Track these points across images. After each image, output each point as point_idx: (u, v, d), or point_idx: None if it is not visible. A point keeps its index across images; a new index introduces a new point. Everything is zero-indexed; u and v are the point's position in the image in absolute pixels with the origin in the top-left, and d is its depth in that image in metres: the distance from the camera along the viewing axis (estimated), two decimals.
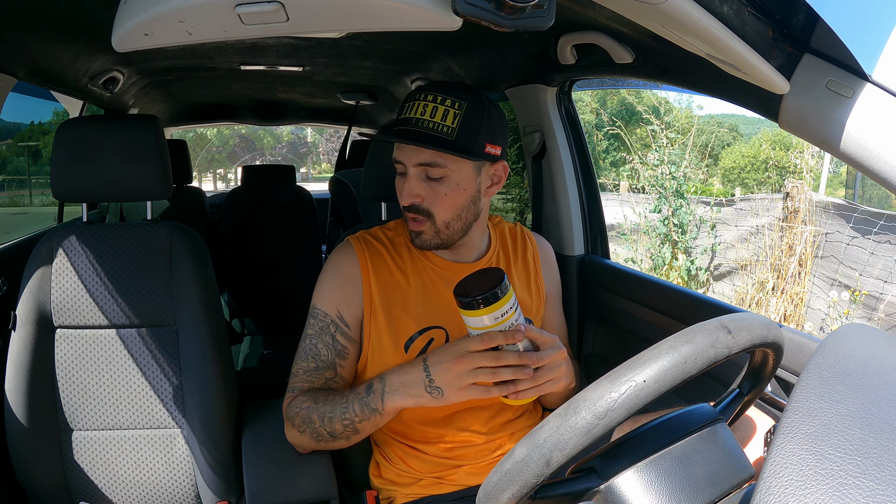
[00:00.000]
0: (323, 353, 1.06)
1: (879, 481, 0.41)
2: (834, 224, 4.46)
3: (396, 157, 1.03)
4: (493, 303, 0.85)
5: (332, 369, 1.06)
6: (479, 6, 0.62)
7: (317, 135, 22.77)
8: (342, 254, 1.09)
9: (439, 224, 1.02)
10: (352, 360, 1.08)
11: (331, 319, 1.06)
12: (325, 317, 1.06)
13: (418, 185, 1.00)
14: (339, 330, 1.06)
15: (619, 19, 1.03)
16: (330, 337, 1.06)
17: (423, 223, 1.02)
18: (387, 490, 1.11)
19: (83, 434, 1.24)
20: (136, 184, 1.23)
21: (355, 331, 1.07)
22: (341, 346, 1.06)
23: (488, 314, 0.86)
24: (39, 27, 1.33)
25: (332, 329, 1.06)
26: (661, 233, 5.05)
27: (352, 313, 1.06)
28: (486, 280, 0.88)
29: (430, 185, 1.01)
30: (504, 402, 0.93)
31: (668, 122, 5.29)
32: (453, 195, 1.01)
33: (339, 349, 1.06)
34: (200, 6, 0.65)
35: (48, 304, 1.21)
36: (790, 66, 0.82)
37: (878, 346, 0.59)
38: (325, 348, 1.06)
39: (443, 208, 1.01)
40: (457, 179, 1.01)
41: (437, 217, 1.02)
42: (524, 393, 0.90)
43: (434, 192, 1.01)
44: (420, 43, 1.76)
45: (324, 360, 1.06)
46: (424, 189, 1.01)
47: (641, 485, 0.58)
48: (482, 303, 0.85)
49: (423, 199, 1.01)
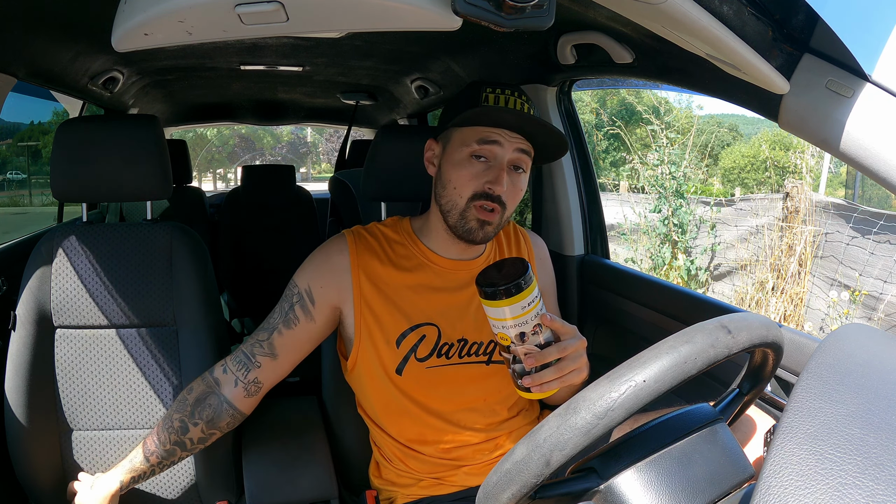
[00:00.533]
0: (273, 318, 1.06)
1: (879, 481, 0.41)
2: (834, 224, 4.46)
3: (492, 137, 0.99)
4: (517, 294, 0.83)
5: (269, 332, 1.05)
6: (479, 6, 0.62)
7: (317, 135, 22.78)
8: (334, 242, 1.09)
9: (505, 216, 1.02)
10: (295, 334, 1.05)
11: (297, 290, 1.06)
12: (294, 287, 1.06)
13: (506, 177, 1.00)
14: (300, 301, 1.05)
15: (619, 19, 1.03)
16: (288, 304, 1.05)
17: (496, 214, 1.01)
18: (387, 490, 1.11)
19: (83, 434, 1.24)
20: (136, 184, 1.23)
21: (319, 310, 1.05)
22: (293, 315, 1.05)
23: (510, 305, 0.83)
24: (39, 27, 1.33)
25: (294, 300, 1.05)
26: (660, 233, 5.05)
27: (324, 294, 1.05)
28: (509, 270, 0.86)
29: (511, 177, 1.01)
30: (524, 395, 0.89)
31: (668, 122, 5.29)
32: (523, 190, 1.04)
33: (289, 317, 1.05)
34: (200, 6, 0.65)
35: (48, 304, 1.21)
36: (790, 66, 0.82)
37: (878, 346, 0.59)
38: (278, 314, 1.06)
39: (514, 201, 1.03)
40: (527, 175, 1.04)
41: (508, 209, 1.02)
42: (547, 385, 0.86)
43: (513, 185, 1.01)
44: (420, 43, 1.76)
45: (270, 323, 1.06)
46: (507, 181, 1.00)
47: (641, 485, 0.58)
48: (504, 293, 0.82)
49: (505, 190, 1.00)
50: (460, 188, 1.00)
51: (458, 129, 1.02)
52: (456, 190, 1.01)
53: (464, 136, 1.01)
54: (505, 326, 0.85)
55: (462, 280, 1.10)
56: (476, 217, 1.00)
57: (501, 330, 0.86)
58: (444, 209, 1.04)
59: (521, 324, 0.85)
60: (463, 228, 1.02)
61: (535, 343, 0.86)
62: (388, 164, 1.32)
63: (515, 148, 1.00)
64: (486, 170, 1.00)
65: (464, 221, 1.01)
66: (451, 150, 1.03)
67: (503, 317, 0.85)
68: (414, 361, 1.05)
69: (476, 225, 1.01)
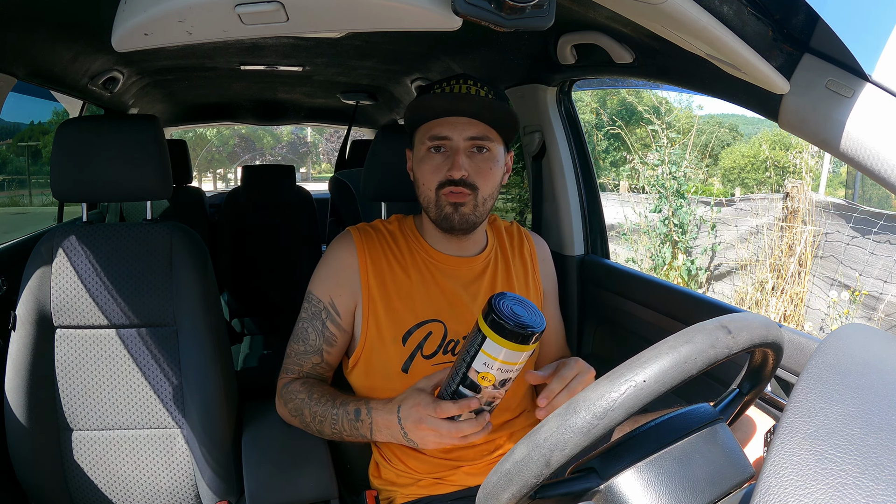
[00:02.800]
0: (312, 338, 1.08)
1: (879, 481, 0.41)
2: (834, 224, 4.46)
3: (440, 132, 1.02)
4: (532, 343, 0.76)
5: (319, 354, 1.09)
6: (479, 6, 0.62)
7: (317, 135, 22.77)
8: (341, 243, 1.11)
9: (480, 198, 1.04)
10: (339, 347, 1.10)
11: (323, 306, 1.08)
12: (318, 303, 1.08)
13: (466, 160, 1.02)
14: (329, 317, 1.08)
15: (619, 19, 1.03)
16: (320, 323, 1.08)
17: (466, 195, 1.03)
18: (386, 490, 1.11)
19: (83, 434, 1.24)
20: (136, 184, 1.23)
21: (346, 320, 1.08)
22: (330, 334, 1.08)
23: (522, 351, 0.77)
24: (39, 27, 1.33)
25: (322, 315, 1.08)
26: (661, 233, 5.05)
27: (344, 303, 1.08)
28: (531, 312, 0.79)
29: (474, 159, 1.03)
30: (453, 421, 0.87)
31: (669, 122, 5.29)
32: (495, 170, 1.05)
33: (327, 336, 1.08)
34: (200, 6, 0.65)
35: (48, 304, 1.21)
36: (790, 66, 0.82)
37: (878, 346, 0.59)
38: (314, 333, 1.08)
39: (486, 182, 1.04)
40: (496, 155, 1.05)
41: (481, 191, 1.04)
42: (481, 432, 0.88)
43: (478, 167, 1.03)
44: (420, 43, 1.76)
45: (312, 344, 1.09)
46: (469, 164, 1.03)
47: (641, 485, 0.58)
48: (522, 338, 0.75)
49: (468, 175, 1.02)
50: (427, 182, 1.05)
51: (416, 131, 1.07)
52: (425, 185, 1.05)
53: (420, 135, 1.06)
54: (501, 369, 0.79)
55: (465, 276, 1.11)
56: (447, 202, 1.03)
57: (487, 369, 0.79)
58: (424, 207, 1.08)
59: (513, 370, 0.80)
60: (440, 217, 1.05)
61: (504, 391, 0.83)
62: (388, 164, 1.32)
63: (466, 133, 1.02)
64: (445, 160, 1.03)
65: (439, 210, 1.05)
66: (415, 151, 1.08)
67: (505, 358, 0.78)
68: (420, 358, 1.05)
69: (450, 210, 1.04)
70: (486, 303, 0.80)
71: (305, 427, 1.08)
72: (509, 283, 1.15)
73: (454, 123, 1.02)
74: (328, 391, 1.06)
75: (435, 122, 1.03)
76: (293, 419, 1.10)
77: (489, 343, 0.77)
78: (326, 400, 1.03)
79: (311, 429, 1.06)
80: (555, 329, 1.23)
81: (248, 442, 1.17)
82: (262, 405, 1.31)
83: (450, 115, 1.02)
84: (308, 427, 1.07)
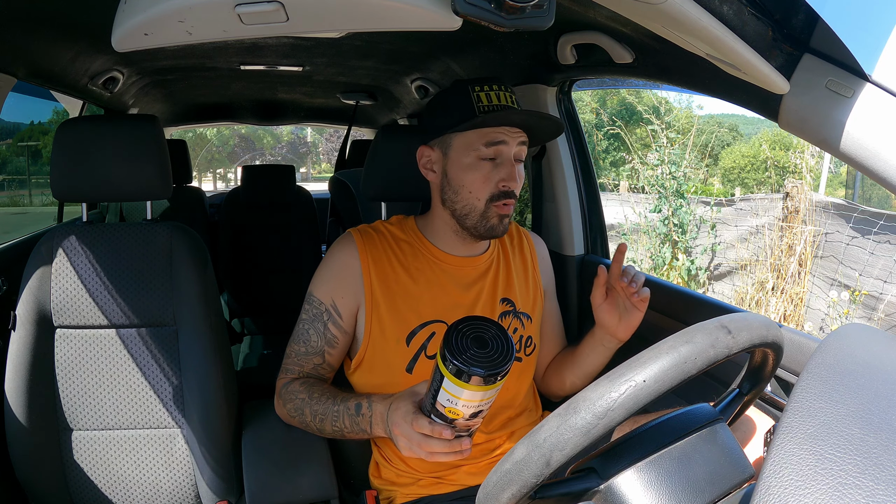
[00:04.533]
0: (313, 340, 1.08)
1: (879, 481, 0.41)
2: (834, 224, 4.46)
3: (497, 137, 1.02)
4: (494, 383, 0.70)
5: (321, 356, 1.09)
6: (479, 6, 0.62)
7: (317, 135, 22.77)
8: (343, 245, 1.10)
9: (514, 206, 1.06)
10: (340, 349, 1.10)
11: (324, 308, 1.08)
12: (320, 304, 1.08)
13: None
14: (331, 319, 1.08)
15: (619, 19, 1.03)
16: (321, 324, 1.08)
17: (511, 206, 1.05)
18: (387, 490, 1.11)
19: (83, 434, 1.24)
20: (136, 184, 1.23)
21: (348, 322, 1.08)
22: (331, 335, 1.08)
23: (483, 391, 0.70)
24: (39, 27, 1.33)
25: (324, 317, 1.08)
26: (661, 233, 5.05)
27: (346, 304, 1.07)
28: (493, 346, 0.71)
29: (516, 168, 1.05)
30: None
31: (668, 122, 5.29)
32: (523, 178, 1.07)
33: (328, 338, 1.08)
34: (200, 6, 0.65)
35: (48, 304, 1.21)
36: (790, 66, 0.82)
37: (878, 346, 0.59)
38: (315, 335, 1.08)
39: (519, 189, 1.05)
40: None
41: (516, 199, 1.05)
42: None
43: (519, 175, 1.05)
44: (420, 43, 1.76)
45: (313, 346, 1.09)
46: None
47: (641, 485, 0.58)
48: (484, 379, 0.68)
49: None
50: (476, 191, 1.03)
51: (458, 134, 1.04)
52: (472, 194, 1.04)
53: (467, 139, 1.03)
54: (466, 406, 0.74)
55: (469, 277, 1.11)
56: (497, 214, 1.04)
57: (452, 405, 0.74)
58: (459, 213, 1.06)
59: (483, 405, 0.75)
60: (485, 227, 1.05)
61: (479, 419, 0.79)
62: (388, 164, 1.32)
63: (518, 142, 1.04)
64: (495, 169, 1.03)
65: (485, 221, 1.05)
66: (455, 154, 1.05)
67: (468, 398, 0.72)
68: (424, 359, 1.06)
69: (497, 221, 1.05)
70: (443, 336, 0.73)
71: (305, 427, 1.08)
72: (510, 282, 1.15)
73: (507, 131, 1.03)
74: (328, 389, 1.06)
75: (494, 130, 1.02)
76: (292, 419, 1.10)
77: (448, 383, 0.73)
78: (327, 398, 1.03)
79: (312, 428, 1.06)
80: (555, 323, 1.26)
81: (248, 442, 1.17)
82: (262, 405, 1.31)
83: (515, 126, 1.03)
84: (308, 426, 1.07)
